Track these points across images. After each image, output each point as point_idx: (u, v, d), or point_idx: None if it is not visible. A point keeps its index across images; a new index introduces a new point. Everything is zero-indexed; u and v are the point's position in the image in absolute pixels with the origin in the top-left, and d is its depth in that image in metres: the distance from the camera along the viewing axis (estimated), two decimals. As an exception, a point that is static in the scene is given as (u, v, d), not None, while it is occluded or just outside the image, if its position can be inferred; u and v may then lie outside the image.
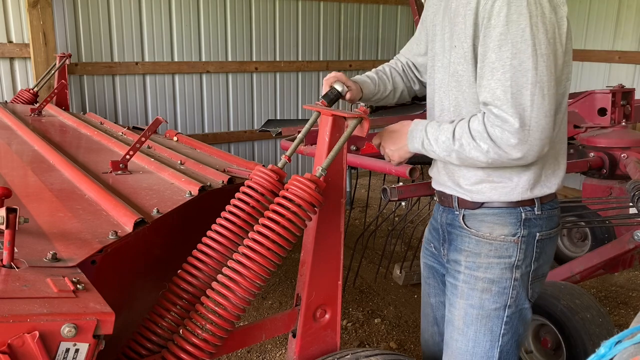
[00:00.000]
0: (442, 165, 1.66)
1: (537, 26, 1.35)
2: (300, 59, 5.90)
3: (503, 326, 1.61)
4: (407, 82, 1.89)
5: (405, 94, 1.91)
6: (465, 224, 1.62)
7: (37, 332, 1.04)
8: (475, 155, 1.44)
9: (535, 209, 1.56)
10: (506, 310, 1.60)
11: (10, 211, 1.21)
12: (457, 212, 1.64)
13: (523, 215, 1.56)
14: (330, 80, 1.72)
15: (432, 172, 1.74)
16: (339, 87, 1.70)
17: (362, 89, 1.78)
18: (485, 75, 1.41)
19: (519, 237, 1.56)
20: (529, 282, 1.61)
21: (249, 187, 1.66)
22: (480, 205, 1.58)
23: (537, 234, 1.58)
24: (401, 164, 1.71)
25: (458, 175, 1.60)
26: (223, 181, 2.05)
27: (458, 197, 1.62)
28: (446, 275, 1.72)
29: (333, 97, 1.70)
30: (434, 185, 1.73)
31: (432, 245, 1.83)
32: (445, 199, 1.67)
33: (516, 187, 1.53)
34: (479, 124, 1.42)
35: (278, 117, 5.86)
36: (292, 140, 3.43)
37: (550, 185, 1.57)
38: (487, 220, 1.58)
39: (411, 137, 1.59)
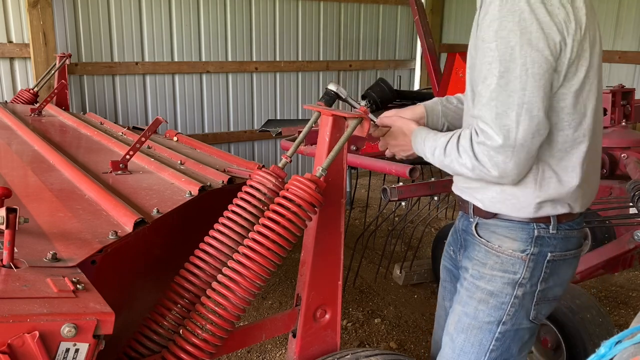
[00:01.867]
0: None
1: (531, 44, 1.28)
2: (300, 59, 5.90)
3: (493, 342, 1.56)
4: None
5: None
6: (477, 233, 1.58)
7: (37, 332, 1.04)
8: (463, 170, 1.44)
9: (551, 227, 1.49)
10: (499, 326, 1.55)
11: (10, 211, 1.21)
12: (472, 220, 1.60)
13: (536, 232, 1.49)
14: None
15: (454, 177, 1.70)
16: (333, 88, 1.71)
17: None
18: (476, 87, 1.39)
19: (527, 254, 1.50)
20: (532, 302, 1.54)
21: (250, 186, 1.66)
22: (493, 215, 1.53)
23: (549, 253, 1.51)
24: (408, 157, 1.71)
25: (472, 186, 1.56)
26: (223, 181, 2.05)
27: (474, 205, 1.57)
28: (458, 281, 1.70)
29: (329, 99, 1.71)
30: (454, 189, 1.68)
31: (451, 248, 1.80)
32: (463, 205, 1.64)
33: (524, 204, 1.47)
34: (467, 141, 1.40)
35: (278, 117, 5.86)
36: (292, 140, 3.43)
37: (567, 204, 1.48)
38: (498, 232, 1.53)
39: (414, 142, 1.61)
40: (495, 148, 1.34)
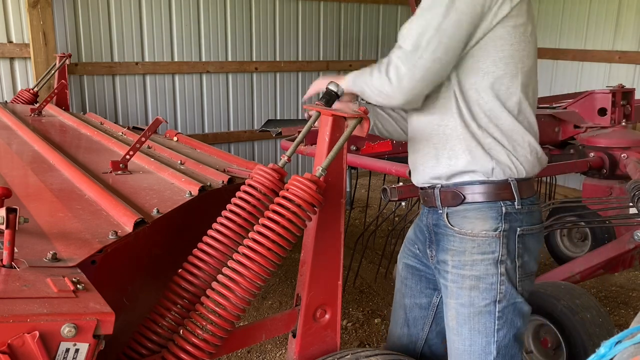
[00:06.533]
0: (419, 162, 1.71)
1: None
2: (300, 59, 5.90)
3: (496, 321, 1.61)
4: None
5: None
6: (449, 222, 1.64)
7: (37, 332, 1.04)
8: (378, 83, 1.56)
9: (516, 203, 1.59)
10: (497, 305, 1.60)
11: (10, 211, 1.21)
12: (441, 211, 1.66)
13: (503, 209, 1.58)
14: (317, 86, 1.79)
15: (414, 175, 1.78)
16: (333, 88, 1.70)
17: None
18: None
19: (500, 231, 1.58)
20: (517, 278, 1.62)
21: (250, 186, 1.66)
22: (461, 201, 1.61)
23: (518, 228, 1.60)
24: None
25: (435, 165, 1.65)
26: (223, 181, 2.05)
27: (440, 194, 1.64)
28: (437, 277, 1.75)
29: (329, 98, 1.70)
30: (418, 183, 1.75)
31: (416, 246, 1.86)
32: (429, 199, 1.70)
33: (485, 162, 1.57)
34: (386, 58, 1.55)
35: (278, 117, 5.86)
36: (292, 140, 3.43)
37: (522, 169, 1.60)
38: (469, 215, 1.61)
39: (346, 79, 1.70)
40: (400, 56, 1.50)
